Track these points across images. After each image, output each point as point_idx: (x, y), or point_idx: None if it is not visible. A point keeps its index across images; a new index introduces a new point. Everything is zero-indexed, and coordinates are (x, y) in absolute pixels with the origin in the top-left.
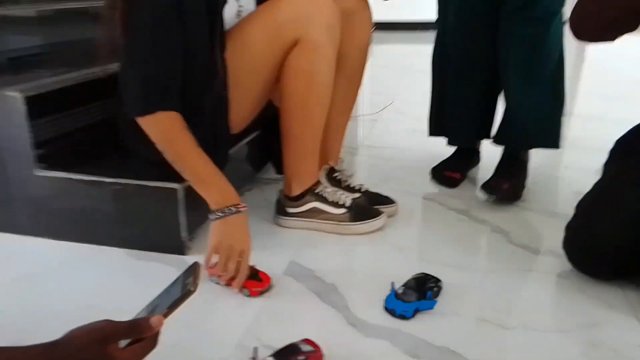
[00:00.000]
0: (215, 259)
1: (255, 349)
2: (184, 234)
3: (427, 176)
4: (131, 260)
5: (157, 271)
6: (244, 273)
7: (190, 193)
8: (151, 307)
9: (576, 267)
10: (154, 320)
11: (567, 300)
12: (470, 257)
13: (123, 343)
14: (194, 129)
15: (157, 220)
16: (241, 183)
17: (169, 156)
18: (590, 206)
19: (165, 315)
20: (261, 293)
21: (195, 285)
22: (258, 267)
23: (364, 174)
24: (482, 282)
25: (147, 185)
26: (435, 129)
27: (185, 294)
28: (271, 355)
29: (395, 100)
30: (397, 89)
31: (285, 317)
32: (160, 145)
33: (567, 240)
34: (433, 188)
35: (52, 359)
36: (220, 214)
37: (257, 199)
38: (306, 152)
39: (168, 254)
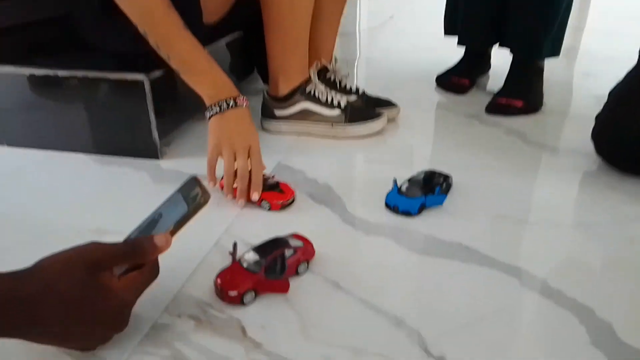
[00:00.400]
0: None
1: (235, 245)
2: (155, 133)
3: (432, 86)
4: (96, 166)
5: (129, 179)
6: (258, 174)
7: (160, 86)
8: (148, 225)
9: (606, 160)
10: (160, 239)
11: (597, 196)
12: (483, 158)
13: (117, 271)
14: None
15: (123, 119)
16: None
17: (152, 39)
18: (624, 93)
19: (172, 234)
20: (284, 206)
21: (206, 196)
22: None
23: (361, 83)
24: (498, 180)
25: (108, 78)
26: (448, 28)
27: (196, 206)
28: (253, 250)
29: (394, 16)
30: (397, 6)
31: (271, 217)
32: (141, 26)
33: (597, 130)
34: (439, 95)
35: (23, 296)
36: (215, 109)
37: None
38: (294, 43)
39: (139, 158)
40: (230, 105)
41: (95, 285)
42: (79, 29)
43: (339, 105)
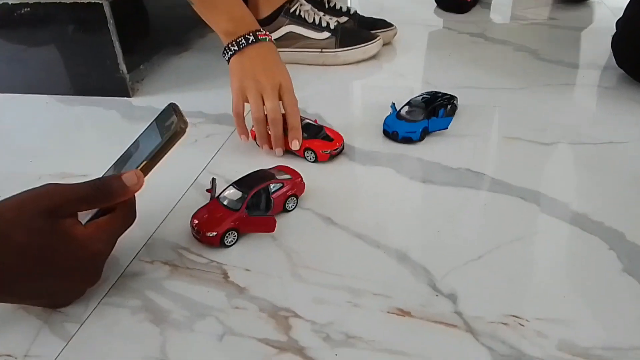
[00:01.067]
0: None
1: (213, 180)
2: (122, 67)
3: (431, 6)
4: (60, 107)
5: (97, 118)
6: (295, 116)
7: (125, 11)
8: (122, 162)
9: (627, 70)
10: (128, 176)
11: (620, 111)
12: (490, 77)
13: (85, 217)
14: None
15: (85, 52)
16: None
17: None
18: None
19: (145, 170)
20: (332, 156)
21: (182, 124)
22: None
23: (353, 4)
24: (508, 99)
25: (62, 3)
26: None
27: (172, 136)
28: (232, 184)
29: None
30: None
31: (254, 153)
32: None
33: (618, 36)
34: (439, 15)
35: None
36: (234, 48)
37: (217, 39)
38: None
39: (108, 96)
40: (251, 40)
41: (56, 234)
42: None
43: (328, 27)
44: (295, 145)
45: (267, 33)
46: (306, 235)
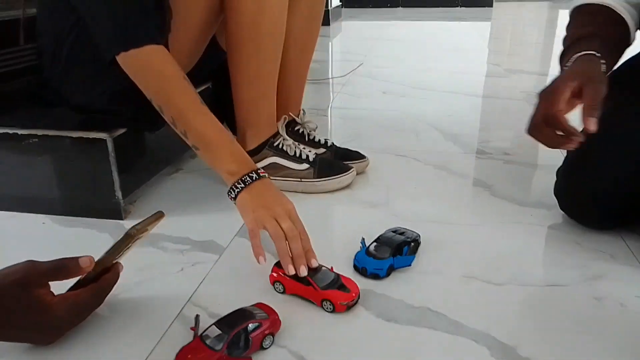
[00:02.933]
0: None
1: (197, 318)
2: (118, 193)
3: (402, 133)
4: (56, 227)
5: (90, 241)
6: (308, 239)
7: (124, 143)
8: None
9: (570, 215)
10: (83, 260)
11: (563, 253)
12: (451, 212)
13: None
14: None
15: (85, 179)
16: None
17: (168, 114)
18: (582, 146)
19: (103, 262)
20: (349, 307)
21: (142, 229)
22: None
23: (332, 133)
24: (466, 236)
25: (69, 137)
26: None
27: (125, 237)
28: (214, 324)
29: (364, 64)
30: (367, 55)
31: (238, 283)
32: (157, 101)
33: (558, 185)
34: (409, 145)
35: None
36: (241, 185)
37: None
38: (261, 94)
39: (102, 218)
40: (255, 177)
41: (28, 298)
42: (43, 82)
43: (307, 160)
44: (314, 263)
45: (264, 171)
46: None
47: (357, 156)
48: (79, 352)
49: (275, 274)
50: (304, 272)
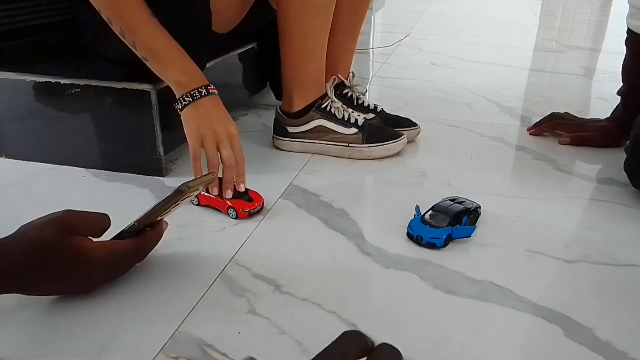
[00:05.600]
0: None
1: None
2: (160, 149)
3: (452, 105)
4: (96, 182)
5: (130, 196)
6: (243, 164)
7: (167, 99)
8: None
9: None
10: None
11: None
12: (512, 184)
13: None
14: (160, 17)
15: (127, 133)
16: (232, 106)
17: (116, 25)
18: None
19: (148, 217)
20: (251, 214)
21: (194, 187)
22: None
23: (378, 102)
24: (529, 210)
25: (112, 87)
26: None
27: (174, 193)
28: None
29: (410, 36)
30: (412, 28)
31: (282, 245)
32: (105, 12)
33: (628, 162)
34: (462, 116)
35: (4, 265)
36: (188, 99)
37: (252, 124)
38: (310, 54)
39: (142, 175)
40: (203, 93)
41: (67, 244)
42: (81, 35)
43: (356, 124)
44: (242, 188)
45: (214, 87)
46: None
47: (408, 123)
48: (112, 306)
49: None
50: (228, 195)
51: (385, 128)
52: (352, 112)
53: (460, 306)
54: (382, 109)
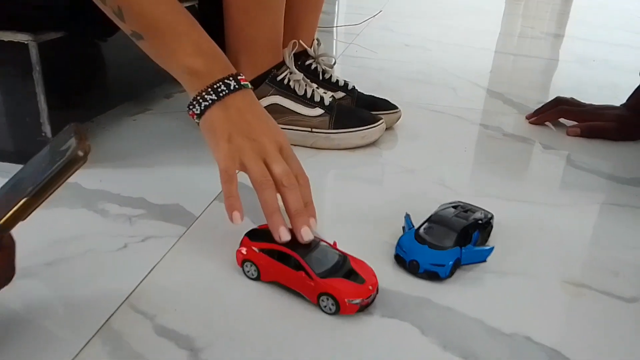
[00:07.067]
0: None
1: None
2: (46, 128)
3: (433, 88)
4: None
5: None
6: (306, 183)
7: (56, 57)
8: (6, 193)
9: None
10: None
11: None
12: (523, 185)
13: None
14: None
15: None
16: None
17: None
18: None
19: (26, 207)
20: (362, 308)
21: (84, 147)
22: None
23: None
24: (554, 221)
25: None
26: None
27: (68, 164)
28: None
29: (380, 15)
30: (381, 9)
31: (207, 276)
32: None
33: None
34: (447, 100)
35: None
36: (210, 97)
37: (184, 101)
38: (262, 9)
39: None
40: (233, 86)
41: None
42: None
43: (321, 103)
44: (311, 228)
45: (243, 76)
46: None
47: (387, 106)
48: None
49: (244, 250)
50: (308, 236)
51: (359, 110)
52: (317, 88)
53: None
54: (354, 86)
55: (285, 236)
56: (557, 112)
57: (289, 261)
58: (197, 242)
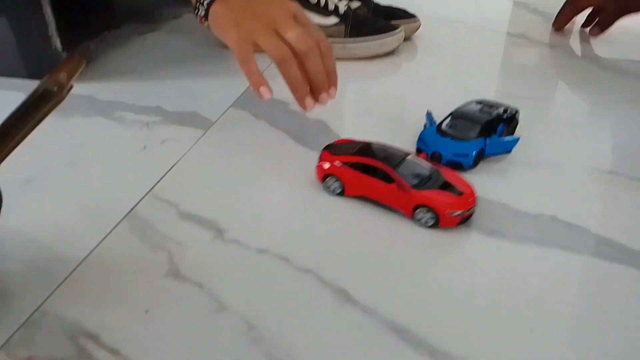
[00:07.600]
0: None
1: None
2: (56, 42)
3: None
4: None
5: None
6: (327, 47)
7: None
8: None
9: None
10: None
11: None
12: (551, 86)
13: None
14: None
15: (6, 22)
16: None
17: None
18: None
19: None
20: (464, 221)
21: (58, 81)
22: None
23: None
24: (584, 117)
25: None
26: None
27: (32, 100)
28: None
29: None
30: None
31: (229, 171)
32: None
33: None
34: (469, 11)
35: None
36: None
37: (193, 20)
38: None
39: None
40: None
41: None
42: None
43: (336, 12)
44: (332, 93)
45: None
46: None
47: (404, 15)
48: None
49: (326, 165)
50: (333, 96)
51: (376, 19)
52: None
53: (513, 255)
54: None
55: (309, 105)
56: (573, 7)
57: (377, 173)
58: (216, 144)
